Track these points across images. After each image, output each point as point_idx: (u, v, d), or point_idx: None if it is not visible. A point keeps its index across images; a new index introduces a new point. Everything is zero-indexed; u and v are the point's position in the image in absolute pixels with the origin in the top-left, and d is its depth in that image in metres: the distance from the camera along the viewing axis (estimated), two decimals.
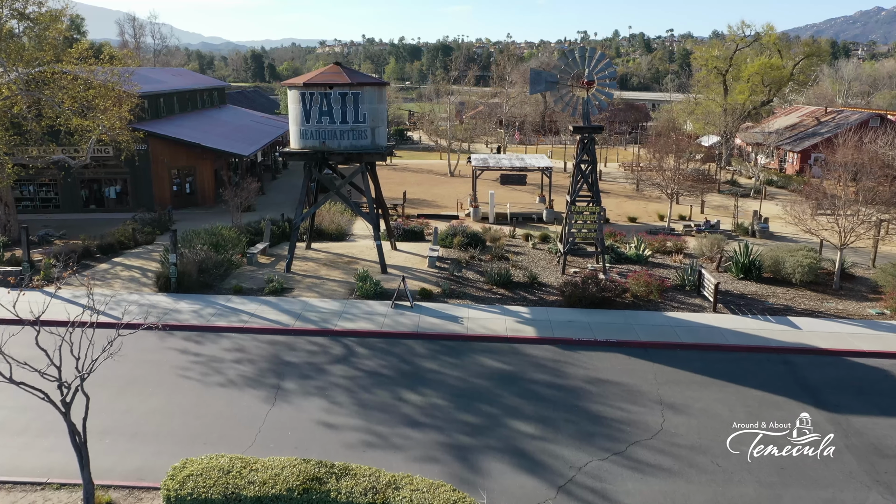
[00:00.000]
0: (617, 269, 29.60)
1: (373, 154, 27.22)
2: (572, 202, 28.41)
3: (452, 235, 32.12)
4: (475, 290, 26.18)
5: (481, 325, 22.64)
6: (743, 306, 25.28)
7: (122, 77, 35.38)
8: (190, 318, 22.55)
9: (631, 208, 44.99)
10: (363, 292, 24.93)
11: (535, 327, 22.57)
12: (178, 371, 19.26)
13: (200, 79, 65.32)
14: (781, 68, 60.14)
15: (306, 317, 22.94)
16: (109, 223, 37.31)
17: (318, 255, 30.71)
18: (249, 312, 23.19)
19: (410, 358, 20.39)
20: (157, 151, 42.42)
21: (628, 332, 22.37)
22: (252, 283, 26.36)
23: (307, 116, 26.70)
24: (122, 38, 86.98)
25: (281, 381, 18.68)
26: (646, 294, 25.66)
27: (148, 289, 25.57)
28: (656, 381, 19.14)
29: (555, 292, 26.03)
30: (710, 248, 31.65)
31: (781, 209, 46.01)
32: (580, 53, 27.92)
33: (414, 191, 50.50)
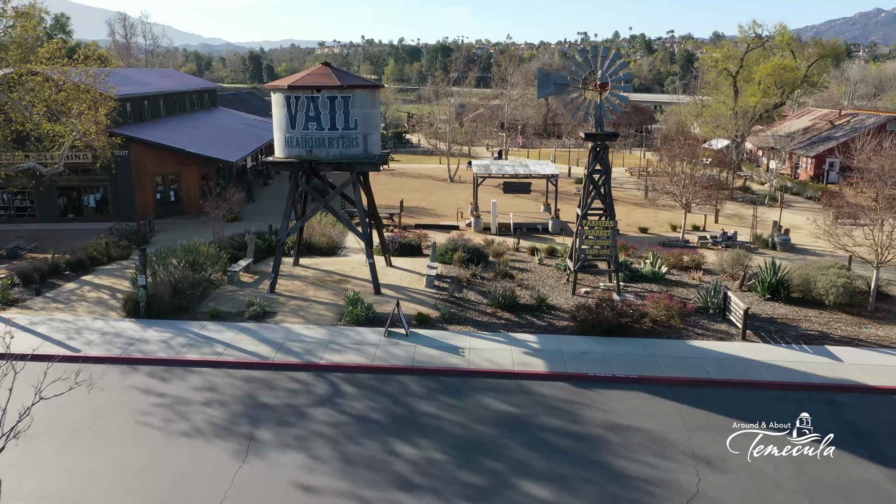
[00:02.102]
0: (632, 288, 27.16)
1: (365, 163, 24.76)
2: (583, 216, 25.97)
3: (452, 250, 29.66)
4: (477, 315, 23.73)
5: (485, 357, 20.19)
6: (774, 333, 22.84)
7: (98, 78, 33.00)
8: (157, 350, 20.08)
9: (641, 217, 42.55)
10: (353, 318, 22.49)
11: (545, 360, 20.12)
12: (139, 416, 16.80)
13: (190, 80, 62.86)
14: (795, 69, 57.71)
15: (289, 348, 20.48)
16: (88, 234, 34.95)
17: (306, 272, 28.25)
18: (225, 342, 20.73)
19: (404, 398, 17.94)
20: (138, 157, 39.97)
21: (650, 365, 19.93)
22: (231, 306, 23.91)
23: (292, 122, 24.26)
24: (112, 38, 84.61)
25: (255, 429, 16.23)
26: (666, 319, 23.21)
27: (115, 313, 23.10)
28: (686, 428, 16.70)
29: (565, 316, 23.58)
30: (731, 263, 29.20)
31: (803, 219, 43.78)
32: (592, 53, 25.50)
33: (412, 198, 48.08)
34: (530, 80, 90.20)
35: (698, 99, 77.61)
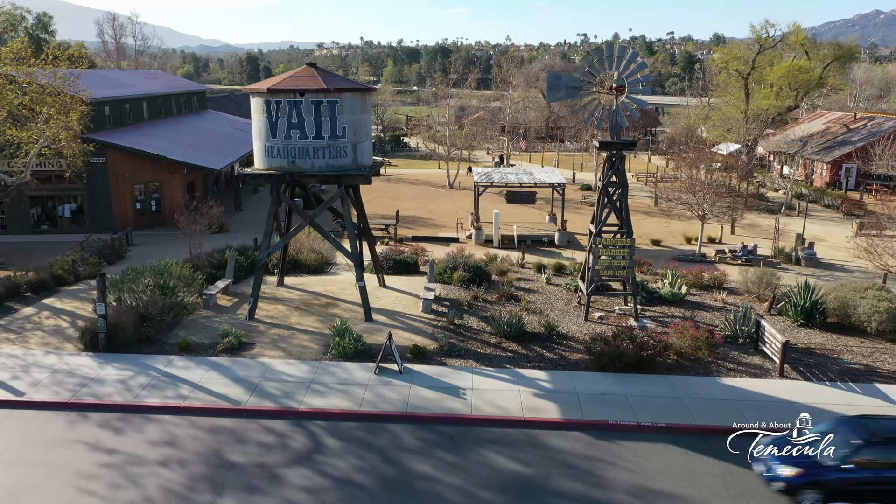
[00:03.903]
0: (650, 312, 24.61)
1: (354, 176, 22.16)
2: (597, 232, 23.39)
3: (452, 269, 27.08)
4: (480, 346, 21.16)
5: (489, 399, 17.62)
6: (814, 367, 20.29)
7: (68, 80, 30.45)
8: (113, 393, 17.49)
9: (652, 228, 39.97)
10: (340, 351, 19.91)
11: (558, 403, 17.55)
12: (81, 480, 14.21)
13: (177, 82, 60.23)
14: (810, 71, 55.16)
15: (265, 389, 17.90)
16: (62, 246, 32.39)
17: (290, 293, 25.66)
18: (193, 383, 18.14)
19: (396, 455, 15.36)
20: (116, 165, 37.38)
21: (679, 410, 17.36)
22: (205, 336, 21.32)
23: (273, 130, 21.68)
24: (101, 38, 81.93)
25: (218, 499, 13.66)
26: (692, 351, 20.65)
27: (72, 345, 20.49)
28: (728, 495, 14.15)
29: (579, 348, 21.01)
30: (757, 283, 26.61)
31: (824, 230, 41.29)
32: (608, 52, 22.94)
33: (409, 206, 45.54)
34: (531, 81, 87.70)
35: (704, 101, 75.22)
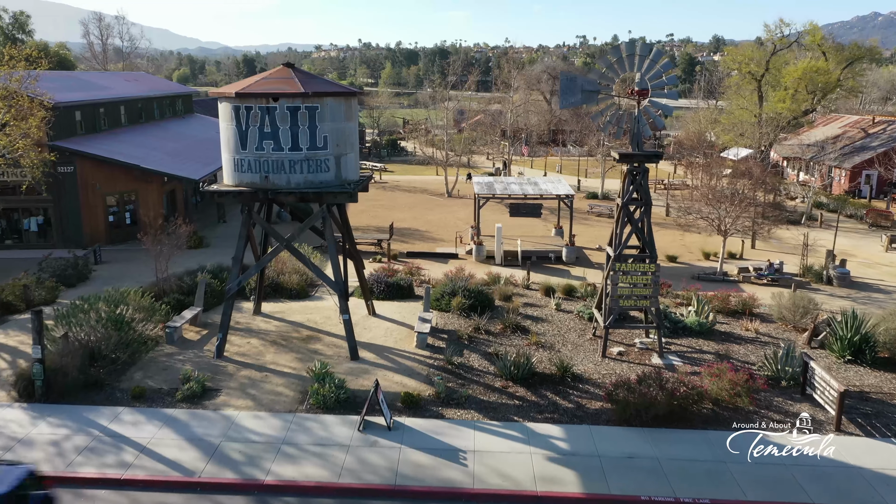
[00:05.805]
0: (675, 345, 21.69)
1: (337, 193, 19.19)
2: (616, 257, 20.46)
3: (451, 294, 24.14)
4: (483, 391, 18.21)
5: (494, 466, 14.67)
6: (872, 417, 17.38)
7: (25, 82, 27.53)
8: (41, 460, 14.50)
9: (666, 242, 37.02)
10: (319, 400, 16.95)
11: (578, 471, 14.59)
12: None
13: (161, 84, 57.24)
14: (828, 73, 52.26)
15: (226, 453, 14.94)
16: (27, 263, 29.62)
17: (267, 324, 22.69)
18: (140, 445, 15.17)
19: None
20: (86, 174, 34.40)
21: (723, 480, 14.43)
22: (163, 379, 18.38)
23: (243, 140, 18.75)
24: (86, 39, 79.06)
25: None
26: (730, 398, 17.72)
27: (5, 393, 17.51)
28: None
29: (598, 394, 18.07)
30: (792, 309, 23.65)
31: (851, 243, 38.21)
32: (628, 51, 20.00)
33: (404, 217, 42.66)
34: (533, 84, 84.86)
35: (712, 104, 72.37)
